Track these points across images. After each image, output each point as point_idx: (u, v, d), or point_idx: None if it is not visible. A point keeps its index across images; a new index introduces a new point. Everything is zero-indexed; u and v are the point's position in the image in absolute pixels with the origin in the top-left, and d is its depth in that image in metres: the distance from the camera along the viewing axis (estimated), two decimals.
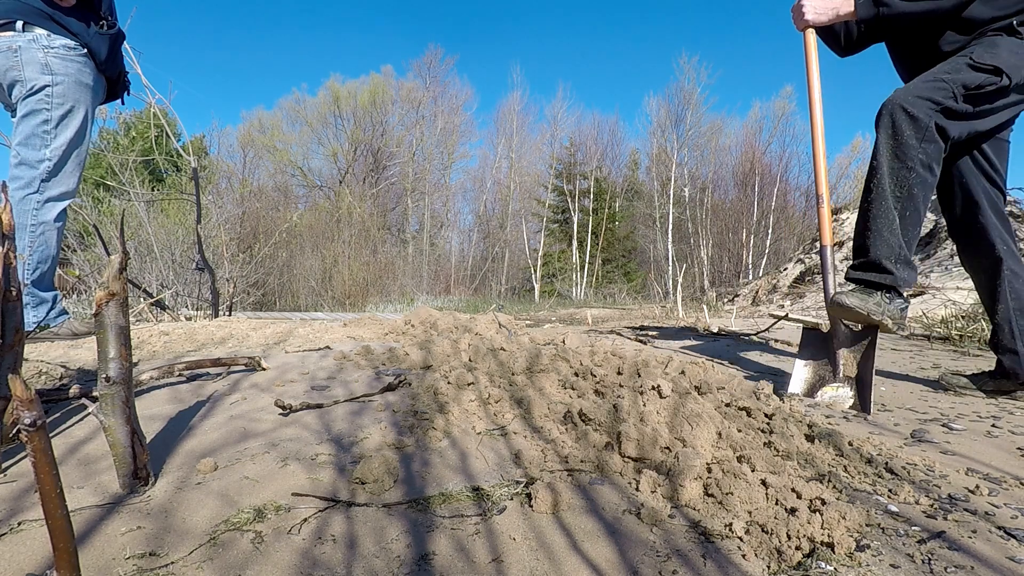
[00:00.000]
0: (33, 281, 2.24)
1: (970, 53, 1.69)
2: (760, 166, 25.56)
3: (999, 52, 1.66)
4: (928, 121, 1.63)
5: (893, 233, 1.68)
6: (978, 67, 1.64)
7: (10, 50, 2.13)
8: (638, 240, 28.53)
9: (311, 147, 29.24)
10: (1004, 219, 1.86)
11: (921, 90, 1.67)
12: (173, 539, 0.83)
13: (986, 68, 1.64)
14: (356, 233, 18.55)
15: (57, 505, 0.60)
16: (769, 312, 5.97)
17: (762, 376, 2.12)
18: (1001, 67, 1.62)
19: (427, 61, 30.54)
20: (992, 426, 1.49)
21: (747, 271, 23.11)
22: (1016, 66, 1.63)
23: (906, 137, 1.66)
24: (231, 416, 1.41)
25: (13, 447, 1.12)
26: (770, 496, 0.95)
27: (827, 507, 0.87)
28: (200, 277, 6.50)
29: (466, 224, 31.18)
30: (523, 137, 30.27)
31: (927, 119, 1.63)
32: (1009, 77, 1.62)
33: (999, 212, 1.85)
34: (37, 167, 2.22)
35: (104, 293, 0.92)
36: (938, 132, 1.64)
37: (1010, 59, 1.64)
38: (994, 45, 1.68)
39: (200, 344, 2.48)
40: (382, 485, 1.00)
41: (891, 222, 1.69)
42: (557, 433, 1.30)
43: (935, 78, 1.68)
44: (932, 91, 1.66)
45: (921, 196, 1.68)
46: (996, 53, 1.66)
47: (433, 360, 2.01)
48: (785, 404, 1.62)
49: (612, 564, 0.80)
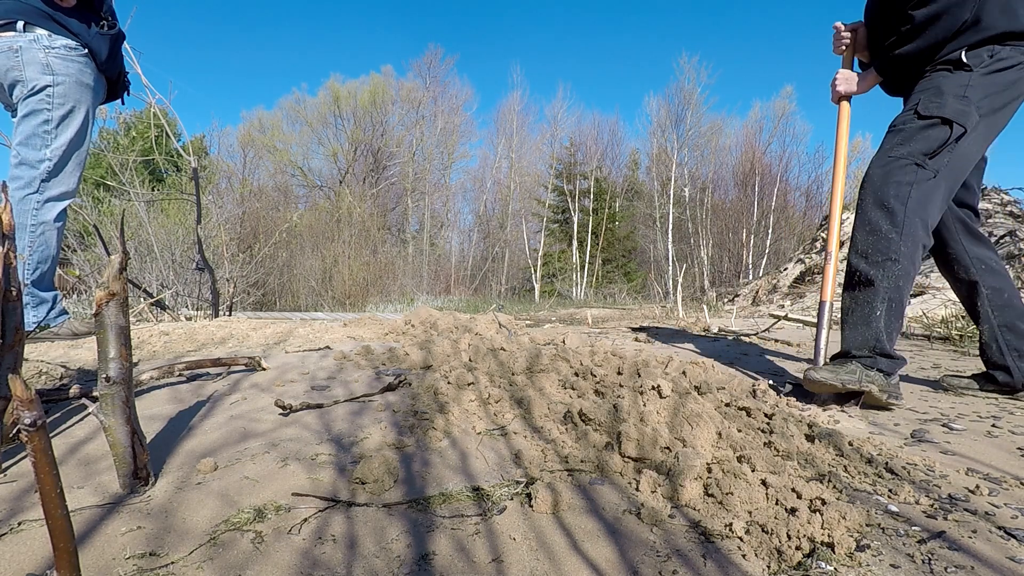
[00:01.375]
0: (33, 281, 2.24)
1: (916, 104, 1.63)
2: (760, 166, 25.56)
3: (944, 99, 1.58)
4: (901, 211, 1.57)
5: (869, 326, 1.63)
6: (926, 120, 1.58)
7: (11, 50, 2.13)
8: (638, 240, 28.53)
9: (311, 147, 29.27)
10: (978, 238, 1.83)
11: (888, 175, 1.61)
12: (173, 539, 0.83)
13: (933, 120, 1.57)
14: (356, 233, 18.55)
15: (57, 505, 0.60)
16: (769, 312, 5.97)
17: (762, 376, 2.12)
18: (949, 118, 1.55)
19: (427, 61, 30.55)
20: (992, 426, 1.49)
21: (747, 271, 23.11)
22: (963, 112, 1.55)
23: (884, 231, 1.60)
24: (231, 416, 1.41)
25: (13, 447, 1.12)
26: (770, 496, 0.95)
27: (827, 507, 0.87)
28: (200, 277, 6.50)
29: (466, 224, 31.20)
30: (523, 137, 30.29)
31: (901, 210, 1.57)
32: (962, 125, 1.55)
33: (972, 233, 1.83)
34: (37, 167, 2.22)
35: (104, 293, 0.92)
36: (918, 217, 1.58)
37: (956, 105, 1.56)
38: (938, 90, 1.60)
39: (200, 344, 2.48)
40: (382, 485, 1.00)
41: (869, 314, 1.62)
42: (557, 433, 1.30)
43: (893, 157, 1.62)
44: (898, 173, 1.60)
45: (905, 287, 1.61)
46: (942, 101, 1.58)
47: (433, 360, 2.01)
48: (784, 403, 1.63)
49: (612, 564, 0.80)
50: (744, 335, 3.41)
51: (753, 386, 1.74)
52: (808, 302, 6.81)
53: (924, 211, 1.59)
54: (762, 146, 26.53)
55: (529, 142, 30.59)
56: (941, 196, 1.62)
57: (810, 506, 0.90)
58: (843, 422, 1.52)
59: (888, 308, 1.61)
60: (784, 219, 24.75)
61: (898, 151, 1.62)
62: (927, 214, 1.60)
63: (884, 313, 1.61)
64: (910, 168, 1.59)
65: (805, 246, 9.80)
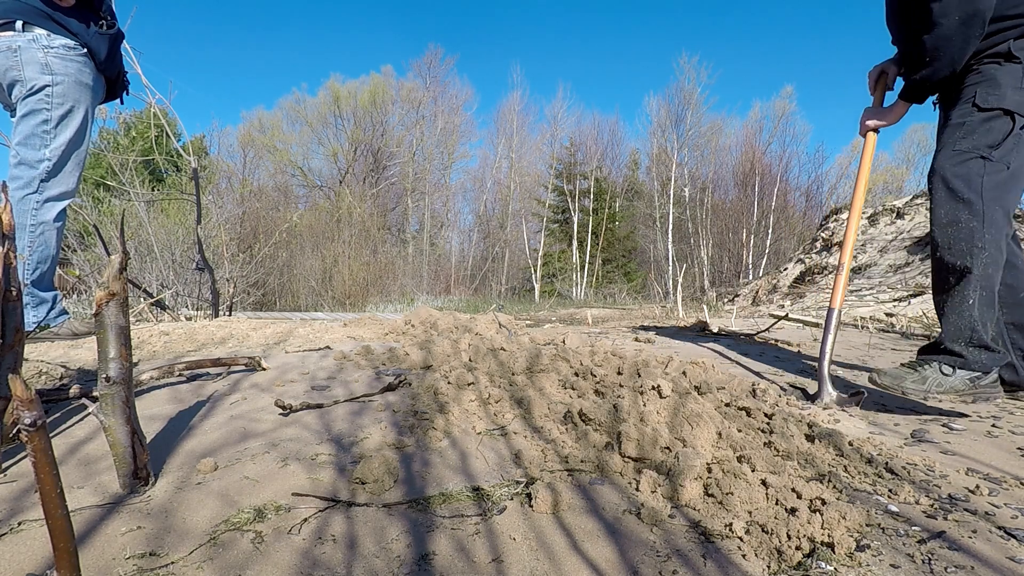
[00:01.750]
0: (33, 281, 2.24)
1: (972, 96, 1.60)
2: (760, 166, 25.55)
3: (1003, 91, 1.55)
4: (979, 200, 1.53)
5: (962, 315, 1.58)
6: (986, 112, 1.55)
7: (10, 50, 2.13)
8: (638, 240, 28.53)
9: (311, 147, 29.27)
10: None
11: (956, 169, 1.58)
12: (173, 539, 0.83)
13: (995, 112, 1.55)
14: (356, 233, 18.54)
15: (57, 505, 0.60)
16: (769, 312, 5.97)
17: (762, 376, 2.12)
18: (1011, 109, 1.53)
19: (427, 61, 30.55)
20: (992, 426, 1.49)
21: (747, 271, 23.12)
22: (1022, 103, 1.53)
23: (964, 221, 1.56)
24: (231, 416, 1.41)
25: (13, 447, 1.12)
26: (770, 496, 0.95)
27: (827, 507, 0.87)
28: (200, 277, 6.50)
29: (466, 224, 31.21)
30: (523, 137, 30.29)
31: (978, 200, 1.54)
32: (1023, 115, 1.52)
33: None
34: (37, 167, 2.22)
35: (104, 293, 0.92)
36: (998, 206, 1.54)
37: (1015, 96, 1.54)
38: (995, 81, 1.57)
39: (200, 344, 2.48)
40: (382, 485, 1.00)
41: (961, 303, 1.58)
42: (557, 433, 1.30)
43: (958, 151, 1.59)
44: (966, 167, 1.56)
45: (995, 275, 1.57)
46: (1001, 93, 1.56)
47: (433, 360, 2.01)
48: (783, 403, 1.63)
49: (612, 564, 0.80)
50: (744, 335, 3.41)
51: (753, 386, 1.74)
52: (808, 302, 6.81)
53: (1002, 199, 1.57)
54: (762, 146, 26.54)
55: (529, 142, 30.62)
56: (1015, 184, 1.60)
57: (810, 506, 0.90)
58: (843, 421, 1.52)
59: (980, 297, 1.57)
60: (784, 219, 24.75)
61: (962, 145, 1.60)
62: (1005, 202, 1.58)
63: (977, 302, 1.57)
64: (977, 161, 1.57)
65: (805, 246, 9.80)
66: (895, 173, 28.99)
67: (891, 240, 7.94)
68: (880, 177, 28.48)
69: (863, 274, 7.60)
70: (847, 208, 9.14)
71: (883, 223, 8.38)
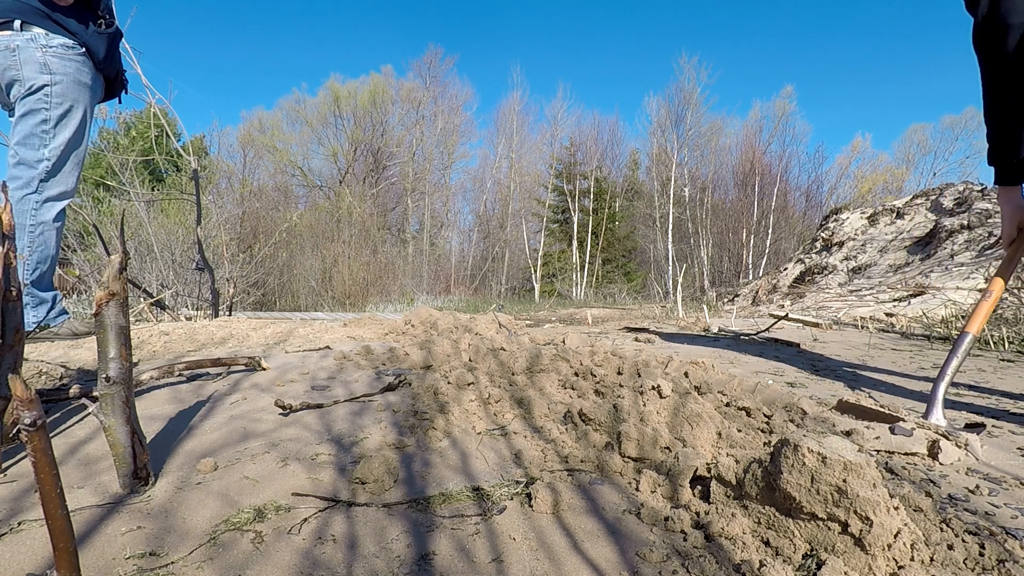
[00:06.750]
0: (33, 281, 2.24)
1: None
2: (760, 166, 25.57)
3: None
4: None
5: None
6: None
7: (8, 49, 2.13)
8: (638, 240, 28.54)
9: (311, 147, 29.27)
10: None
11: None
12: (173, 539, 0.83)
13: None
14: (356, 233, 18.54)
15: (57, 505, 0.60)
16: (769, 312, 5.97)
17: (762, 376, 2.12)
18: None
19: (427, 61, 30.56)
20: (992, 426, 1.49)
21: (747, 271, 23.13)
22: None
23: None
24: (231, 416, 1.41)
25: (13, 447, 1.11)
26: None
27: None
28: (200, 277, 6.50)
29: (466, 224, 31.22)
30: (523, 137, 30.31)
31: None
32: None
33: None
34: (36, 167, 2.22)
35: (104, 293, 0.92)
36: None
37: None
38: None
39: (200, 344, 2.48)
40: (382, 485, 1.00)
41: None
42: (557, 433, 1.30)
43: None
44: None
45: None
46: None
47: (433, 360, 2.01)
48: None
49: (612, 564, 0.80)
50: (744, 335, 3.41)
51: (754, 389, 1.74)
52: (808, 302, 6.81)
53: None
54: (762, 146, 26.56)
55: (529, 142, 30.64)
56: None
57: None
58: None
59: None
60: (784, 219, 24.77)
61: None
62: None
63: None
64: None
65: (805, 246, 9.80)
66: (895, 173, 29.00)
67: (891, 240, 7.94)
68: (880, 177, 28.48)
69: (863, 274, 7.60)
70: (846, 208, 9.14)
71: (883, 223, 8.39)
